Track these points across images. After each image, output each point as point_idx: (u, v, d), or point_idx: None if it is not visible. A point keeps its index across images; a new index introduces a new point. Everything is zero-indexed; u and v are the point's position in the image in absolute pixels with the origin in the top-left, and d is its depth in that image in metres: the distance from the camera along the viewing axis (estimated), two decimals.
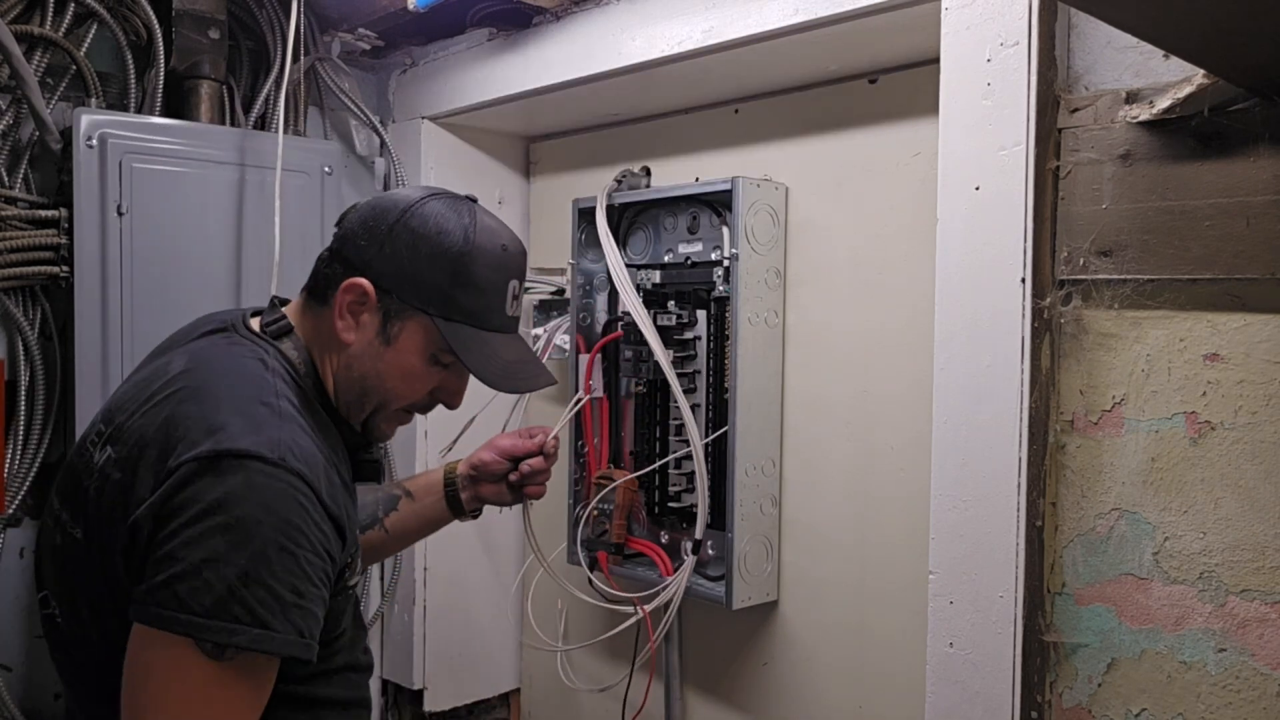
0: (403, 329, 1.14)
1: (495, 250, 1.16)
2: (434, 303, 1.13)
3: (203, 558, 0.94)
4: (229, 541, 0.95)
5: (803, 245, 1.71)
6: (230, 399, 1.04)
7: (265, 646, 0.95)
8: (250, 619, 0.94)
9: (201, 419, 1.01)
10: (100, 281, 1.72)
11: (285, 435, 1.02)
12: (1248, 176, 1.11)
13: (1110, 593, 1.23)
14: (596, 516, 1.84)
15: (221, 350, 1.13)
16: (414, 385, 1.17)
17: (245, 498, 0.96)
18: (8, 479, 1.74)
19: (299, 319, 1.18)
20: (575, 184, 2.16)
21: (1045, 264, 1.24)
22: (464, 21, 1.96)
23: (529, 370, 1.22)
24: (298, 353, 1.15)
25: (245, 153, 1.87)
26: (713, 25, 1.54)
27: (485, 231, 1.16)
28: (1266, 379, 1.12)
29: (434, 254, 1.13)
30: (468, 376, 1.20)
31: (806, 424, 1.72)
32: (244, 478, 0.97)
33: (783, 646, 1.77)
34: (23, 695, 1.81)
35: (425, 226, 1.13)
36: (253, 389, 1.06)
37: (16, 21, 1.70)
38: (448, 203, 1.16)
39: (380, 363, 1.14)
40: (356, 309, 1.13)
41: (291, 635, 0.97)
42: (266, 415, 1.03)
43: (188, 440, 0.99)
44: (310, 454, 1.03)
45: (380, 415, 1.18)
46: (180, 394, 1.05)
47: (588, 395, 1.84)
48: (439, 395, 1.21)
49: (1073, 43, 1.25)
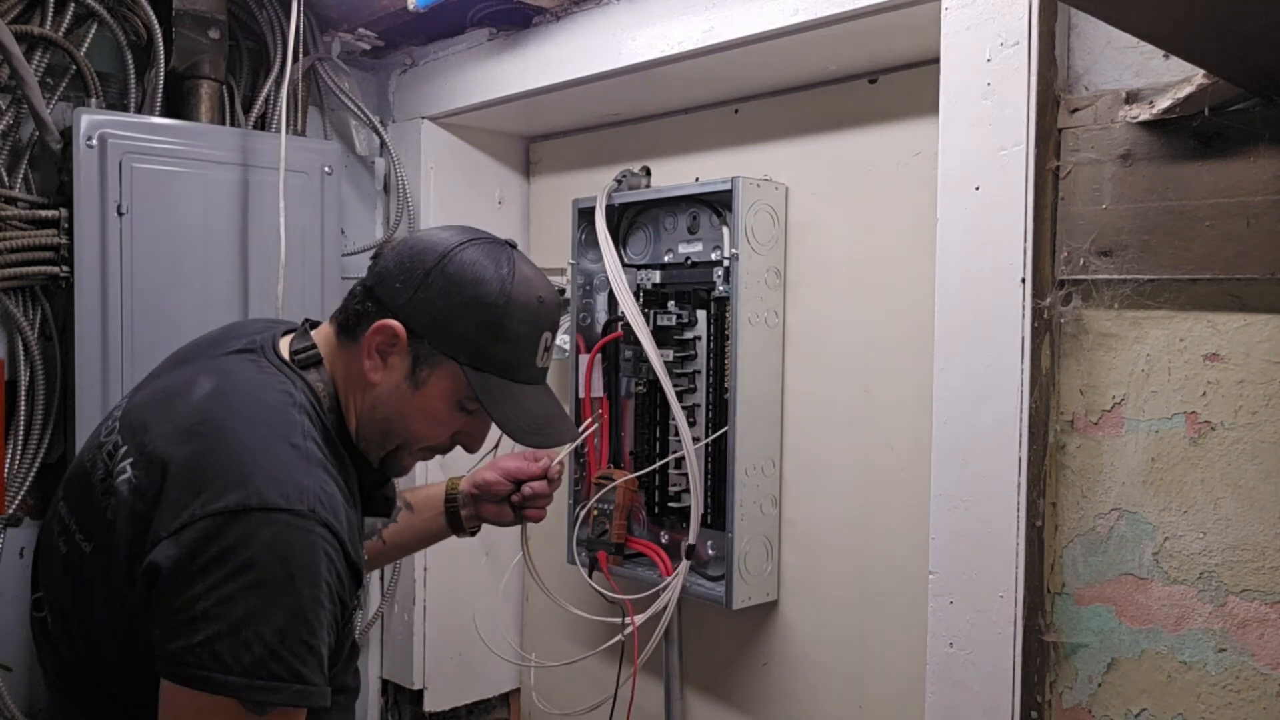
0: (432, 374, 1.12)
1: (531, 303, 1.14)
2: (465, 352, 1.12)
3: (239, 617, 0.94)
4: (264, 599, 0.95)
5: (803, 245, 1.71)
6: (258, 441, 1.03)
7: (305, 701, 0.97)
8: (289, 675, 0.95)
9: (229, 465, 1.00)
10: (100, 281, 1.72)
11: (313, 483, 1.01)
12: (1248, 176, 1.11)
13: (1110, 593, 1.23)
14: (596, 516, 1.84)
15: (249, 378, 1.11)
16: (437, 429, 1.17)
17: (276, 553, 0.96)
18: (8, 479, 1.74)
19: (327, 350, 1.17)
20: (575, 184, 2.16)
21: (1045, 264, 1.24)
22: (464, 21, 1.96)
23: (554, 425, 1.21)
24: (324, 385, 1.14)
25: (245, 153, 1.87)
26: (713, 25, 1.54)
27: (522, 283, 1.14)
28: (1266, 379, 1.12)
29: (469, 304, 1.11)
30: (489, 424, 1.19)
31: (806, 424, 1.72)
32: (274, 533, 0.96)
33: (783, 646, 1.77)
34: (22, 695, 1.81)
35: (462, 274, 1.11)
36: (281, 429, 1.05)
37: (16, 21, 1.69)
38: (486, 250, 1.14)
39: (406, 406, 1.14)
40: (386, 350, 1.12)
41: (324, 685, 0.99)
42: (294, 460, 1.02)
43: (214, 487, 0.98)
44: (336, 501, 1.03)
45: (401, 453, 1.18)
46: (206, 428, 1.03)
47: (591, 428, 1.83)
48: (460, 439, 1.20)
49: (1073, 43, 1.25)
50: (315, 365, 1.15)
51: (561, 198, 2.06)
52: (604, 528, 1.82)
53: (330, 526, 1.00)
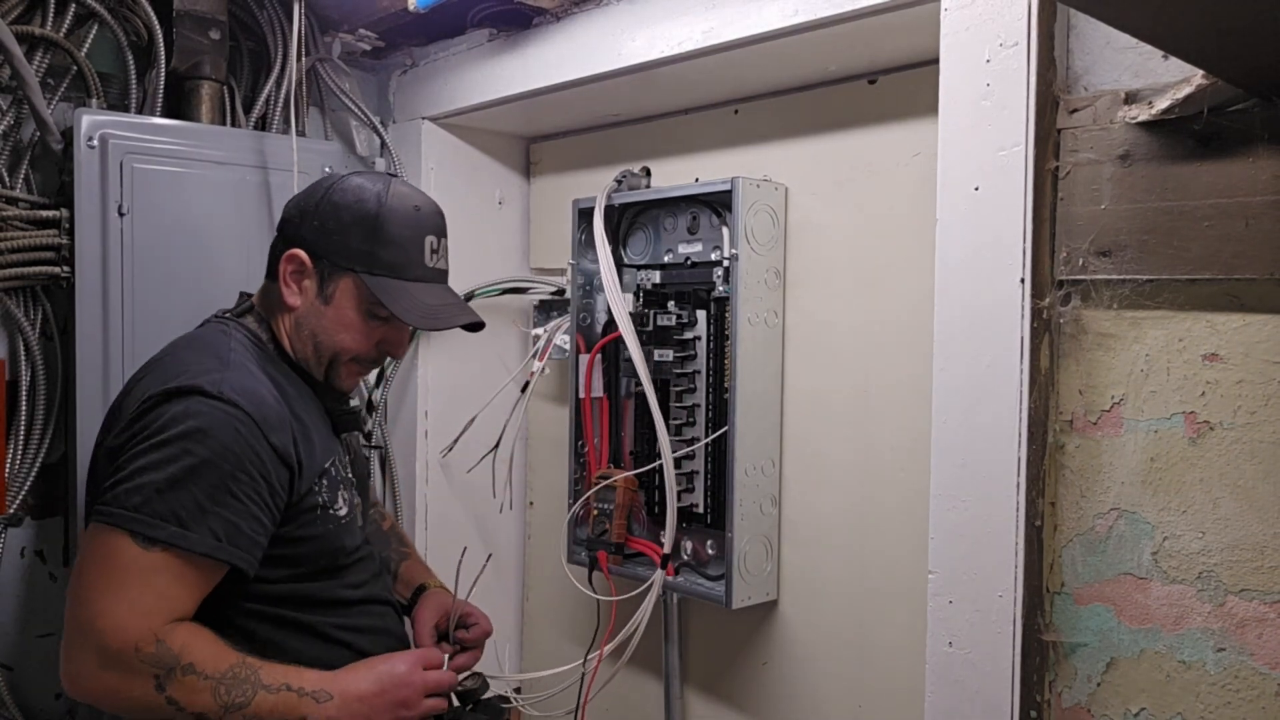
0: (337, 288, 1.32)
1: (408, 210, 1.34)
2: (359, 261, 1.31)
3: (140, 466, 1.13)
4: (164, 455, 1.13)
5: (803, 245, 1.72)
6: (187, 358, 1.25)
7: (180, 543, 1.12)
8: (170, 517, 1.12)
9: (162, 373, 1.22)
10: (101, 281, 1.72)
11: (227, 376, 1.20)
12: (1246, 177, 1.11)
13: (1109, 592, 1.23)
14: (596, 516, 1.84)
15: (193, 333, 1.36)
16: (357, 338, 1.34)
17: (183, 421, 1.15)
18: (8, 479, 1.74)
19: (260, 299, 1.38)
20: (575, 184, 2.16)
21: (1044, 264, 1.24)
22: (464, 22, 1.96)
23: (450, 311, 1.37)
24: (259, 324, 1.35)
25: (246, 153, 1.87)
26: (712, 26, 1.54)
27: (397, 196, 1.34)
28: (1265, 379, 1.12)
29: (355, 220, 1.31)
30: (407, 330, 1.37)
31: (806, 424, 1.72)
32: (185, 406, 1.16)
33: (782, 646, 1.77)
34: (23, 695, 1.81)
35: (344, 197, 1.32)
36: (208, 350, 1.27)
37: (17, 22, 1.70)
38: (367, 177, 1.36)
39: (324, 319, 1.32)
40: (297, 276, 1.33)
41: (207, 538, 1.13)
42: (214, 365, 1.23)
43: (147, 388, 1.20)
44: (252, 391, 1.21)
45: (337, 367, 1.35)
46: (150, 365, 1.29)
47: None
48: (384, 347, 1.37)
49: (1072, 43, 1.25)
50: (249, 312, 1.37)
51: (561, 198, 2.06)
52: (604, 527, 1.83)
53: (240, 405, 1.17)
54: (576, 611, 2.15)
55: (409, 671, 1.27)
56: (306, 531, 1.25)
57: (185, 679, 1.11)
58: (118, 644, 1.10)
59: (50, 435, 1.79)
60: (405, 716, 1.26)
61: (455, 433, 2.13)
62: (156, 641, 1.11)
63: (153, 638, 1.11)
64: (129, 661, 1.10)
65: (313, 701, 1.18)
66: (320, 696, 1.19)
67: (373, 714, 1.22)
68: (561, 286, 2.10)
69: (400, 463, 2.17)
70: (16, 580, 1.81)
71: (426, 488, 2.17)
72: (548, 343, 2.02)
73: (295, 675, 1.19)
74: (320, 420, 1.34)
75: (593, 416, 1.91)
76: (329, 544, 1.28)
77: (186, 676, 1.11)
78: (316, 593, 1.28)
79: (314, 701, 1.18)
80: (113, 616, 1.10)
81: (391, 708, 1.24)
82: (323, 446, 1.31)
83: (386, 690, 1.24)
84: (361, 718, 1.22)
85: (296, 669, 1.20)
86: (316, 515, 1.26)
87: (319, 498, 1.27)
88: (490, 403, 2.11)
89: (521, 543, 2.33)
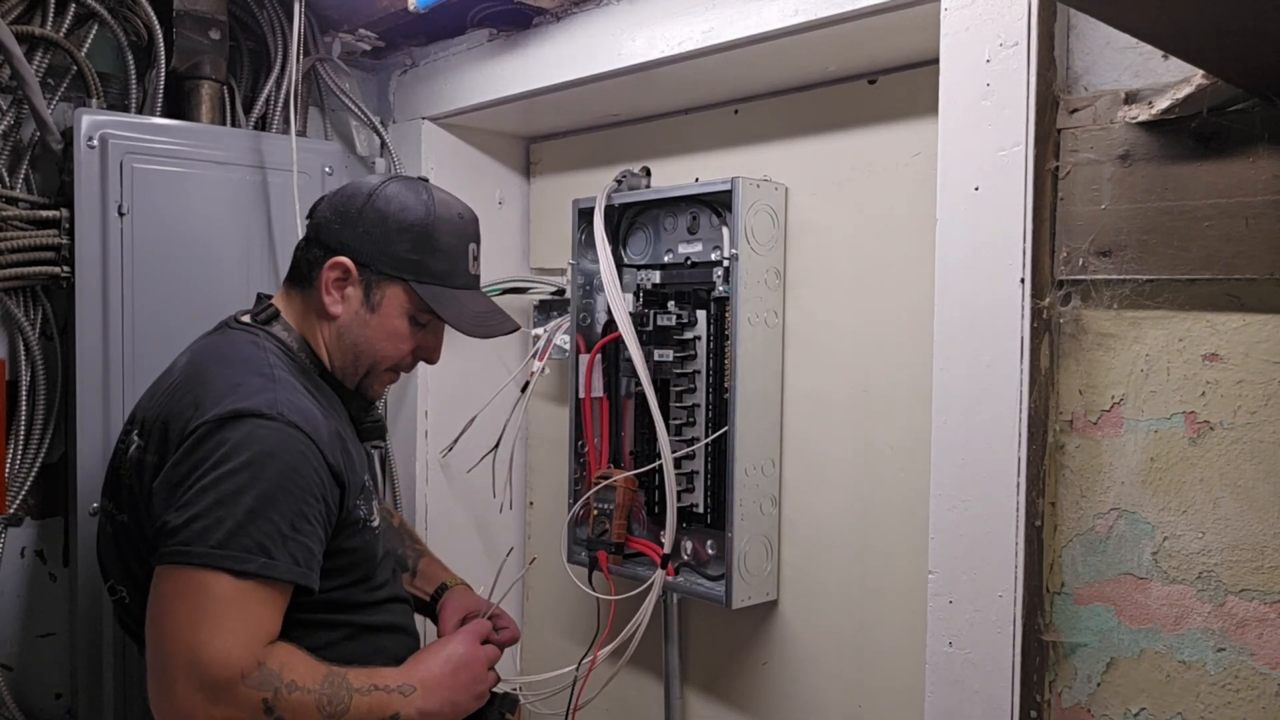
0: (384, 296, 1.32)
1: (453, 219, 1.36)
2: (408, 269, 1.31)
3: (215, 500, 1.10)
4: (235, 485, 1.11)
5: (802, 245, 1.72)
6: (230, 375, 1.21)
7: (270, 573, 1.11)
8: (256, 549, 1.10)
9: (208, 393, 1.18)
10: (101, 282, 1.72)
11: (280, 396, 1.18)
12: (1247, 177, 1.11)
13: (1109, 592, 1.23)
14: (596, 516, 1.84)
15: (218, 341, 1.32)
16: (399, 345, 1.34)
17: (248, 448, 1.13)
18: (9, 479, 1.74)
19: (285, 305, 1.36)
20: (575, 184, 2.16)
21: (1044, 264, 1.24)
22: (464, 22, 1.96)
23: (495, 319, 1.41)
24: (288, 333, 1.33)
25: (246, 153, 1.87)
26: (712, 26, 1.54)
27: (442, 204, 1.35)
28: (1265, 379, 1.12)
29: (402, 228, 1.31)
30: (443, 334, 1.39)
31: (806, 424, 1.72)
32: (248, 431, 1.13)
33: (782, 646, 1.77)
34: (23, 695, 1.81)
35: (390, 206, 1.32)
36: (249, 365, 1.23)
37: (17, 22, 1.70)
38: (405, 183, 1.36)
39: (368, 329, 1.32)
40: (341, 284, 1.31)
41: (291, 566, 1.13)
42: (262, 383, 1.19)
43: (200, 411, 1.16)
44: (306, 410, 1.19)
45: (372, 376, 1.36)
46: (187, 380, 1.23)
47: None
48: (419, 354, 1.39)
49: (1072, 43, 1.25)
50: (275, 319, 1.33)
51: (561, 198, 2.06)
52: (604, 527, 1.83)
53: (299, 427, 1.16)
54: (577, 611, 2.15)
55: (470, 648, 1.32)
56: (350, 544, 1.26)
57: (291, 696, 1.12)
58: (225, 675, 1.09)
59: (50, 435, 1.79)
60: (480, 690, 1.31)
61: (455, 433, 2.13)
62: (259, 665, 1.11)
63: (255, 662, 1.11)
64: (237, 690, 1.09)
65: (400, 696, 1.20)
66: (405, 690, 1.21)
67: (454, 694, 1.26)
68: (561, 286, 2.10)
69: (400, 463, 2.17)
70: (16, 580, 1.81)
71: (426, 488, 2.17)
72: (548, 343, 2.02)
73: (375, 675, 1.21)
74: (350, 430, 1.33)
75: (593, 416, 1.91)
76: (367, 553, 1.29)
77: (292, 694, 1.12)
78: (350, 597, 1.29)
79: (401, 696, 1.20)
80: (215, 649, 1.09)
81: (469, 685, 1.29)
82: (359, 460, 1.31)
83: (459, 669, 1.28)
84: (447, 703, 1.25)
85: (370, 669, 1.22)
86: (359, 528, 1.27)
87: (360, 511, 1.27)
88: (490, 403, 2.11)
89: (521, 543, 2.33)
